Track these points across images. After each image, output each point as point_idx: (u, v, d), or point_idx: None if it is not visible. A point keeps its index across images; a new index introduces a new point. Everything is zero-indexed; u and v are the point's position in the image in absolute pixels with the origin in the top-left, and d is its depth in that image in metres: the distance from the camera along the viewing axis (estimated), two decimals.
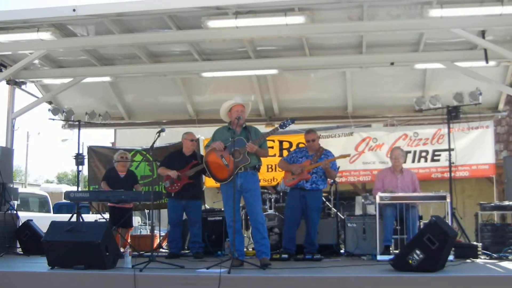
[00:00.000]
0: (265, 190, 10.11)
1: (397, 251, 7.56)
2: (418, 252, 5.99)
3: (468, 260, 7.66)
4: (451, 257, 7.13)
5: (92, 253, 6.33)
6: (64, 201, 12.24)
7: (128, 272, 6.07)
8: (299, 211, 8.37)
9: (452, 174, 9.52)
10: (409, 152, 10.85)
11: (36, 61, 10.07)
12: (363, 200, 10.46)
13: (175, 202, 8.68)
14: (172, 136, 10.95)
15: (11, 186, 9.72)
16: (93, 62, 10.05)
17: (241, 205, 8.12)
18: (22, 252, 8.95)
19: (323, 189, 8.68)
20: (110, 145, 23.04)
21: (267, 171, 11.61)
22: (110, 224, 8.64)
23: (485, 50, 8.49)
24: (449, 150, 9.52)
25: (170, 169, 8.68)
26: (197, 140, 9.32)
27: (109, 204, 9.52)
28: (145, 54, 9.74)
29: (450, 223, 7.84)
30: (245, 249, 7.82)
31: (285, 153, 11.11)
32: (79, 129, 10.82)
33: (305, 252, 8.28)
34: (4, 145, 9.98)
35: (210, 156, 7.31)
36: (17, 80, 10.43)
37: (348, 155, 9.42)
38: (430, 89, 10.41)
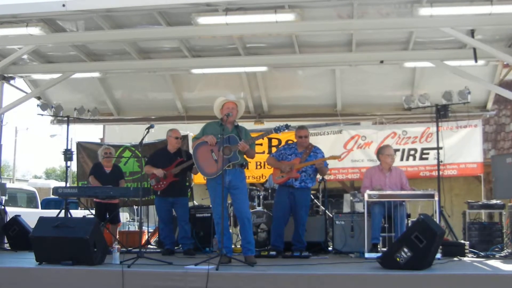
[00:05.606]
0: (254, 187, 10.11)
1: (385, 249, 7.60)
2: (405, 250, 6.02)
3: (455, 259, 7.73)
4: (438, 255, 7.18)
5: (80, 249, 6.32)
6: (52, 196, 12.17)
7: (116, 268, 6.07)
8: (288, 208, 8.39)
9: (440, 172, 9.57)
10: (398, 150, 10.88)
11: (25, 56, 9.98)
12: (351, 198, 10.49)
13: (162, 200, 8.64)
14: (161, 132, 10.89)
15: None
16: (83, 57, 9.98)
17: (229, 202, 8.12)
18: (9, 248, 8.92)
19: (312, 187, 8.70)
20: (99, 141, 22.88)
21: (256, 168, 11.61)
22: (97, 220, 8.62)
23: (474, 49, 8.51)
24: (438, 148, 9.57)
25: (155, 167, 8.65)
26: (185, 137, 9.27)
27: (95, 200, 9.49)
28: (134, 50, 9.69)
29: (438, 222, 7.88)
30: (233, 246, 7.83)
31: (274, 150, 11.08)
32: (67, 125, 10.78)
33: (293, 250, 8.30)
34: None
35: (200, 149, 7.29)
36: (5, 75, 10.36)
37: (339, 157, 9.37)
38: (419, 88, 10.42)
